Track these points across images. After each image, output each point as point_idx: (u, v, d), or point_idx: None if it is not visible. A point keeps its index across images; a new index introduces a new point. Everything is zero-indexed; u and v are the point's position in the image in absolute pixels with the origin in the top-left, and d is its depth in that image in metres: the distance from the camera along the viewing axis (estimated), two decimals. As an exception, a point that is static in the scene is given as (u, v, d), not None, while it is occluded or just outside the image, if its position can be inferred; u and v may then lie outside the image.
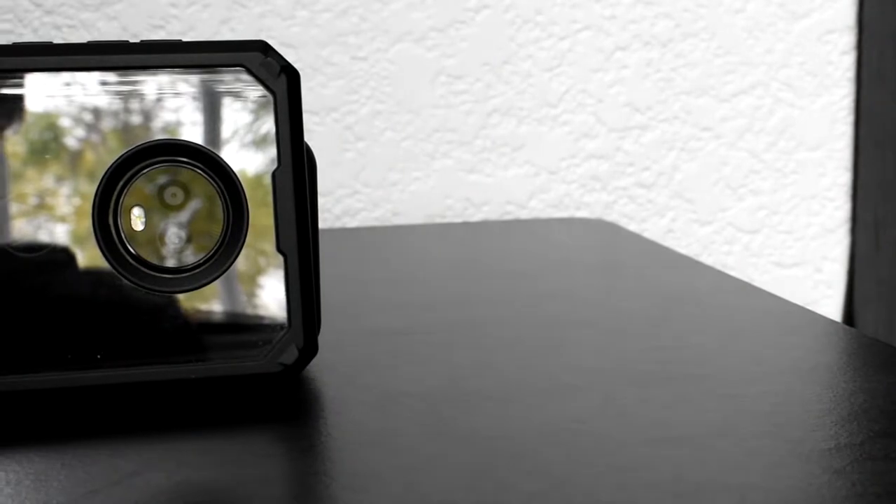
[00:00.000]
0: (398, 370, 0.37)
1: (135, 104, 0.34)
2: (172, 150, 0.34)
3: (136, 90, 0.34)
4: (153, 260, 0.34)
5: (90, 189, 0.33)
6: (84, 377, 0.33)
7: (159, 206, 0.34)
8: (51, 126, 0.33)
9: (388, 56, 0.67)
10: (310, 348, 0.34)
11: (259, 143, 0.34)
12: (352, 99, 0.67)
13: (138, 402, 0.34)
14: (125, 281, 0.33)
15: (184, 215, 0.34)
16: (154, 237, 0.34)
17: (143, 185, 0.34)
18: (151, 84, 0.34)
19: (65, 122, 0.33)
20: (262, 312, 0.34)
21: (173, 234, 0.34)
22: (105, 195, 0.34)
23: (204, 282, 0.34)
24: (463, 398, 0.35)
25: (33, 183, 0.33)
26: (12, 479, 0.29)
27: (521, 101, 0.69)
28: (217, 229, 0.34)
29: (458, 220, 0.69)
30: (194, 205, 0.34)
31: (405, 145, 0.68)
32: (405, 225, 0.68)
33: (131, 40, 0.32)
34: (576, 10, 0.69)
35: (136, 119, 0.34)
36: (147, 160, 0.34)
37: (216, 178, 0.34)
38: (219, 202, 0.34)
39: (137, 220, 0.34)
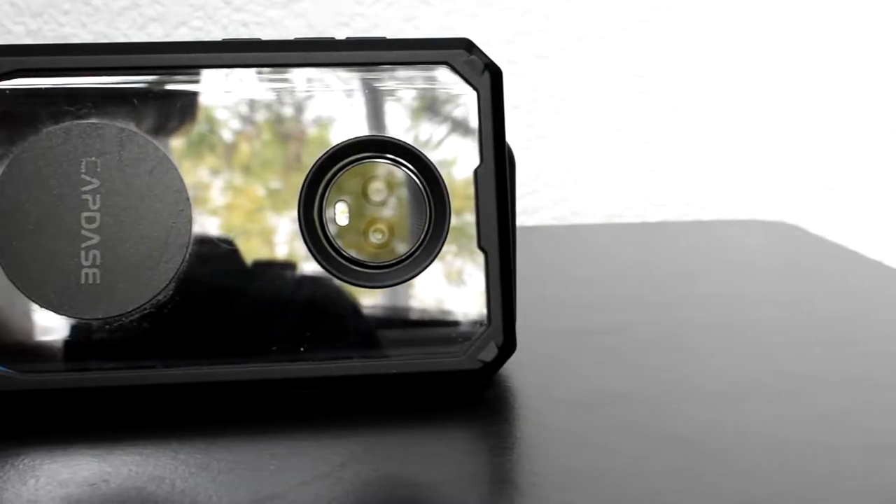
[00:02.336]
0: (594, 370, 0.37)
1: (333, 101, 0.34)
2: (376, 147, 0.34)
3: (335, 87, 0.34)
4: (356, 255, 0.34)
5: (296, 184, 0.34)
6: (287, 370, 0.33)
7: (363, 202, 0.34)
8: (252, 122, 0.34)
9: (571, 54, 0.67)
10: (508, 346, 0.34)
11: (461, 140, 0.34)
12: (533, 97, 0.67)
13: (339, 395, 0.34)
14: (329, 275, 0.34)
15: (387, 211, 0.34)
16: (357, 232, 0.34)
17: (348, 180, 0.34)
18: (353, 81, 0.34)
19: (260, 119, 0.34)
20: (461, 309, 0.34)
21: (376, 229, 0.34)
22: (310, 190, 0.34)
23: (405, 277, 0.34)
24: (664, 400, 0.34)
25: (239, 177, 0.34)
26: (224, 467, 0.29)
27: (704, 100, 0.68)
28: (419, 226, 0.34)
29: (637, 219, 0.69)
30: (397, 201, 0.34)
31: (586, 144, 0.68)
32: (584, 224, 0.68)
33: (335, 37, 0.33)
34: (763, 7, 0.68)
35: (335, 117, 0.34)
36: (351, 156, 0.34)
37: (419, 175, 0.34)
38: (422, 199, 0.34)
39: (342, 214, 0.34)
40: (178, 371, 0.33)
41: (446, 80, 0.34)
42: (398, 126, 0.34)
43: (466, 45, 0.35)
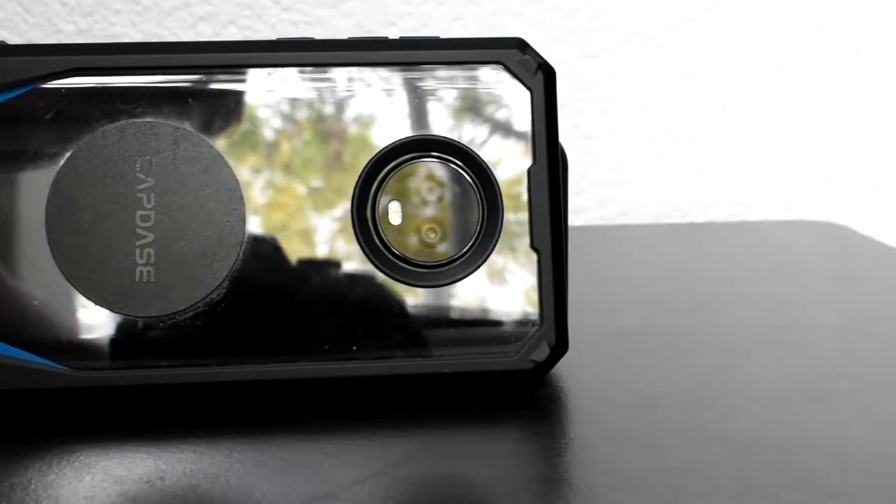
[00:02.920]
0: (646, 371, 0.37)
1: (386, 101, 0.34)
2: (429, 146, 0.34)
3: (389, 87, 0.34)
4: (408, 254, 0.34)
5: (349, 184, 0.34)
6: (340, 368, 0.33)
7: (416, 201, 0.34)
8: (303, 122, 0.34)
9: (618, 54, 0.66)
10: (561, 346, 0.34)
11: (514, 140, 0.34)
12: (580, 97, 0.66)
13: (391, 394, 0.34)
14: (382, 274, 0.34)
15: (440, 210, 0.34)
16: (410, 232, 0.34)
17: (401, 179, 0.34)
18: (408, 81, 0.34)
19: (312, 119, 0.34)
20: (513, 309, 0.34)
21: (429, 229, 0.34)
22: (363, 189, 0.34)
23: (458, 277, 0.34)
24: (717, 401, 0.34)
25: (292, 176, 0.34)
26: (278, 465, 0.29)
27: (752, 100, 0.68)
28: (472, 226, 0.34)
29: (685, 220, 0.69)
30: (450, 200, 0.34)
31: (633, 144, 0.67)
32: (631, 224, 0.68)
33: (388, 36, 0.33)
34: (811, 8, 0.67)
35: (388, 116, 0.34)
36: (404, 155, 0.34)
37: (472, 174, 0.34)
38: (474, 198, 0.34)
39: (395, 214, 0.34)
40: (231, 369, 0.33)
41: (499, 79, 0.34)
42: (451, 126, 0.34)
43: (520, 45, 0.35)
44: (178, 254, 0.33)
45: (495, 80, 0.34)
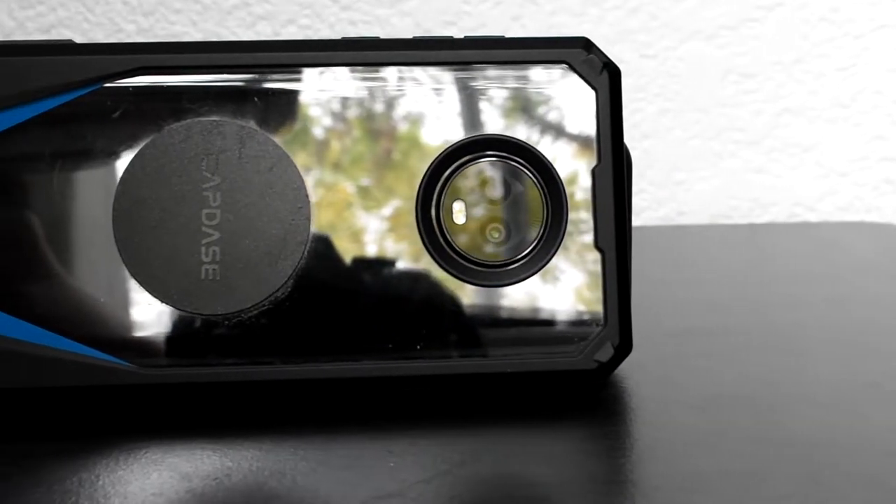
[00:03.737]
0: (709, 372, 0.37)
1: (451, 101, 0.34)
2: (494, 145, 0.34)
3: (454, 86, 0.34)
4: (473, 254, 0.34)
5: (413, 183, 0.34)
6: (404, 367, 0.33)
7: (480, 201, 0.34)
8: (370, 121, 0.34)
9: (678, 54, 0.66)
10: (624, 346, 0.34)
11: (578, 140, 0.34)
12: (639, 97, 0.66)
13: (454, 393, 0.34)
14: (446, 273, 0.34)
15: (504, 210, 0.34)
16: (474, 231, 0.34)
17: (465, 179, 0.34)
18: (472, 79, 0.34)
19: (378, 118, 0.34)
20: (577, 309, 0.34)
21: (493, 228, 0.34)
22: (428, 188, 0.34)
23: (522, 276, 0.34)
24: (780, 403, 0.34)
25: (357, 176, 0.34)
26: (343, 464, 0.30)
27: (812, 100, 0.67)
28: (536, 225, 0.34)
29: (744, 221, 0.68)
30: (514, 200, 0.34)
31: (692, 144, 0.67)
32: (690, 225, 0.68)
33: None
34: (873, 8, 0.67)
35: (455, 116, 0.34)
36: (469, 154, 0.34)
37: (536, 174, 0.34)
38: (539, 198, 0.34)
39: (459, 213, 0.34)
40: (295, 367, 0.33)
41: (564, 79, 0.34)
42: (516, 125, 0.34)
43: (585, 45, 0.34)
44: (244, 252, 0.33)
45: (560, 80, 0.34)
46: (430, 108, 0.34)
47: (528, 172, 0.34)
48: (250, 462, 0.30)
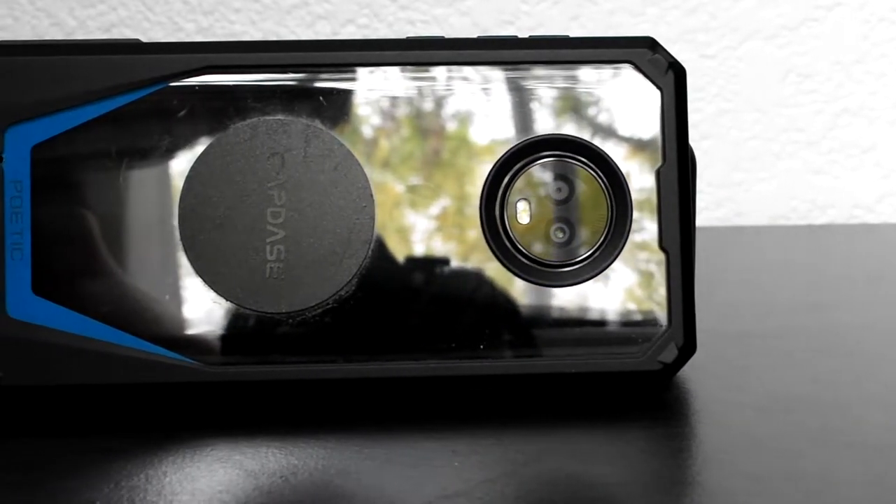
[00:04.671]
0: (770, 373, 0.37)
1: (516, 100, 0.34)
2: (558, 145, 0.34)
3: (518, 86, 0.34)
4: (536, 254, 0.34)
5: (477, 183, 0.34)
6: (467, 367, 0.33)
7: (544, 200, 0.34)
8: (434, 120, 0.34)
9: (737, 54, 0.66)
10: (689, 347, 0.34)
11: (643, 140, 0.34)
12: (698, 97, 0.66)
13: (517, 393, 0.34)
14: (509, 273, 0.34)
15: (568, 210, 0.34)
16: (538, 231, 0.34)
17: (529, 178, 0.34)
18: (536, 79, 0.34)
19: (443, 118, 0.34)
20: (641, 309, 0.34)
21: (557, 228, 0.34)
22: (492, 188, 0.34)
23: (586, 277, 0.34)
24: (844, 404, 0.34)
25: (420, 175, 0.34)
26: (407, 462, 0.30)
27: (872, 101, 0.67)
28: (600, 225, 0.34)
29: (803, 222, 0.68)
30: (579, 200, 0.34)
31: (751, 145, 0.67)
32: (748, 226, 0.67)
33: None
34: (935, 8, 0.66)
35: (518, 115, 0.34)
36: (533, 154, 0.34)
37: (601, 174, 0.34)
38: (603, 198, 0.34)
39: (523, 213, 0.34)
40: (359, 366, 0.33)
41: (629, 78, 0.34)
42: (580, 124, 0.34)
43: (650, 44, 0.34)
44: (308, 250, 0.33)
45: (625, 80, 0.34)
46: (494, 107, 0.34)
47: (592, 172, 0.34)
48: (315, 460, 0.30)
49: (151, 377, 0.33)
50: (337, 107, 0.34)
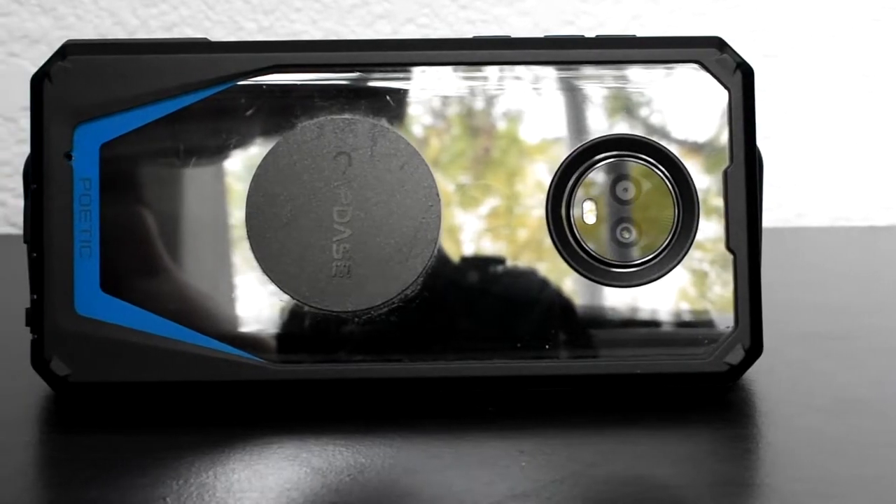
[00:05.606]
0: (835, 375, 0.37)
1: (578, 99, 0.34)
2: (625, 145, 0.34)
3: (588, 85, 0.34)
4: (602, 254, 0.34)
5: (543, 182, 0.34)
6: (532, 367, 0.33)
7: (611, 200, 0.34)
8: (500, 120, 0.34)
9: (799, 52, 0.65)
10: (755, 349, 0.34)
11: (710, 140, 0.34)
12: (760, 96, 0.65)
13: (581, 394, 0.34)
14: (576, 273, 0.34)
15: (635, 210, 0.34)
16: (605, 231, 0.34)
17: (596, 178, 0.34)
18: (604, 78, 0.34)
19: (508, 118, 0.34)
20: (707, 310, 0.34)
21: (623, 228, 0.34)
22: (558, 188, 0.34)
23: (652, 277, 0.34)
24: (915, 407, 0.34)
25: (487, 174, 0.34)
26: (474, 461, 0.30)
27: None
28: (667, 226, 0.34)
29: (864, 223, 0.67)
30: (645, 200, 0.34)
31: (812, 144, 0.66)
32: (809, 227, 0.67)
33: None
34: None
35: (587, 115, 0.34)
36: (599, 154, 0.34)
37: (668, 174, 0.34)
38: (670, 198, 0.34)
39: (589, 213, 0.34)
40: (424, 365, 0.33)
41: (697, 78, 0.34)
42: (646, 124, 0.34)
43: (718, 44, 0.34)
44: (374, 250, 0.33)
45: (692, 79, 0.34)
46: (560, 107, 0.34)
47: (658, 172, 0.34)
48: (382, 459, 0.30)
49: (217, 375, 0.33)
50: (404, 106, 0.34)
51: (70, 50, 0.34)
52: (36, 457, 0.31)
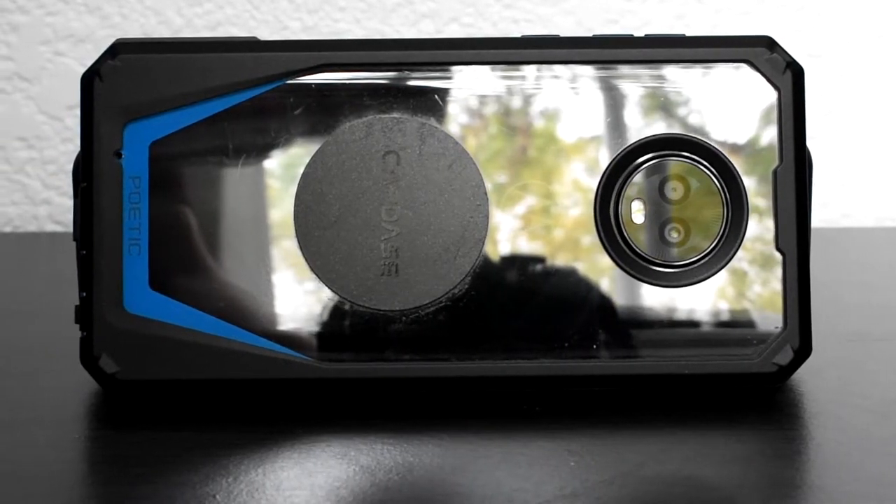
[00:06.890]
0: (886, 376, 0.36)
1: (628, 98, 0.34)
2: (673, 144, 0.34)
3: (638, 84, 0.34)
4: (651, 254, 0.34)
5: (592, 182, 0.34)
6: (580, 367, 0.33)
7: (659, 200, 0.34)
8: (545, 120, 0.34)
9: (845, 52, 0.65)
10: (804, 349, 0.34)
11: (760, 140, 0.34)
12: (805, 96, 0.65)
13: (629, 394, 0.34)
14: (623, 273, 0.34)
15: (683, 210, 0.34)
16: (653, 231, 0.34)
17: (644, 178, 0.34)
18: (654, 78, 0.34)
19: (555, 117, 0.34)
20: (756, 311, 0.34)
21: (672, 228, 0.34)
22: (607, 188, 0.34)
23: (701, 277, 0.34)
24: (968, 411, 0.33)
25: (534, 174, 0.34)
26: (522, 461, 0.30)
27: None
28: (716, 226, 0.34)
29: (911, 224, 0.67)
30: (694, 200, 0.34)
31: (858, 145, 0.66)
32: (855, 227, 0.66)
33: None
34: None
35: (637, 115, 0.34)
36: (648, 153, 0.34)
37: (717, 174, 0.34)
38: (719, 198, 0.34)
39: (637, 212, 0.34)
40: (472, 365, 0.33)
41: (747, 78, 0.34)
42: (697, 124, 0.34)
43: (768, 43, 0.34)
44: (422, 248, 0.33)
45: (742, 79, 0.34)
46: (608, 106, 0.34)
47: (707, 172, 0.34)
48: (430, 457, 0.30)
49: (265, 373, 0.33)
50: (452, 105, 0.34)
51: (120, 49, 0.34)
52: (86, 453, 0.31)
